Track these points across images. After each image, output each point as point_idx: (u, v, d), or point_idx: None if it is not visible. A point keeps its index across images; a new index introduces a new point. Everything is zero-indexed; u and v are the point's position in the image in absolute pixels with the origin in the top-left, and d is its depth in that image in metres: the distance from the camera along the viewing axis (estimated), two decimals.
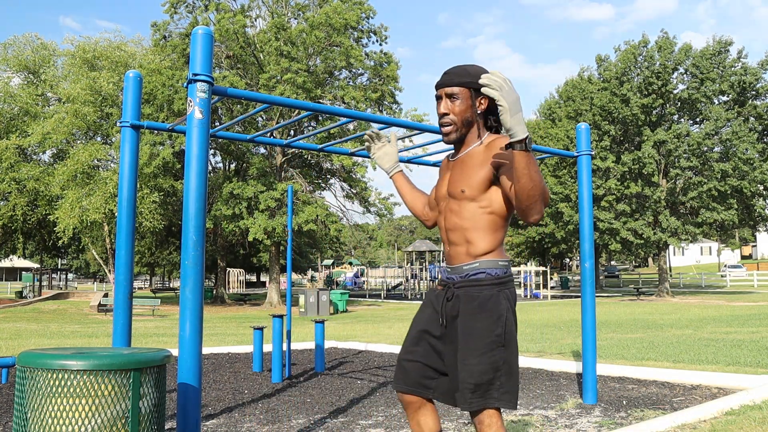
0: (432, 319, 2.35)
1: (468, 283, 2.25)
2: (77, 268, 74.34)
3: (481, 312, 2.20)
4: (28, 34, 31.60)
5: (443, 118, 2.32)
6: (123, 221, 3.91)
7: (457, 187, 2.28)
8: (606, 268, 59.02)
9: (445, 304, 2.30)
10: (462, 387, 2.16)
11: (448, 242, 2.33)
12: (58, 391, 1.96)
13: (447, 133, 2.33)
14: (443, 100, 2.33)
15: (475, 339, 2.18)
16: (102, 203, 23.31)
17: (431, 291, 2.44)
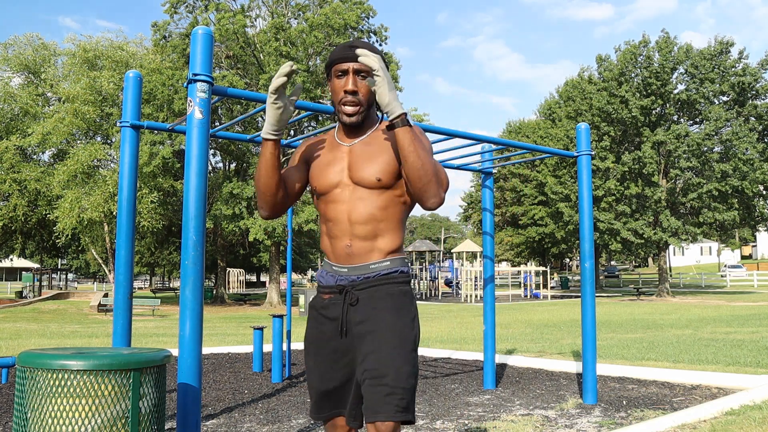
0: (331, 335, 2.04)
1: (377, 282, 1.99)
2: (77, 268, 74.35)
3: (399, 311, 1.98)
4: (29, 34, 31.64)
5: (351, 96, 2.02)
6: (123, 221, 3.91)
7: (371, 173, 2.00)
8: (606, 268, 59.03)
9: (348, 310, 2.00)
10: (389, 392, 1.85)
11: (350, 236, 2.01)
12: (58, 391, 1.96)
13: (352, 114, 2.03)
14: (350, 76, 2.02)
15: (399, 339, 1.92)
16: (102, 203, 23.32)
17: (316, 303, 2.11)
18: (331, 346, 2.04)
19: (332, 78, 2.07)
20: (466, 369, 7.05)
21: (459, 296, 35.46)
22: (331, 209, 2.06)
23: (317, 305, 2.11)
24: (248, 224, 26.71)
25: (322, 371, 2.06)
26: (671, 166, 29.45)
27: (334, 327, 2.03)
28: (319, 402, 2.09)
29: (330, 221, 2.05)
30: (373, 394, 1.87)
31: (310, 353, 2.10)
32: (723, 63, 28.94)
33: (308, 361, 2.12)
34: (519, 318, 17.20)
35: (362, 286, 2.00)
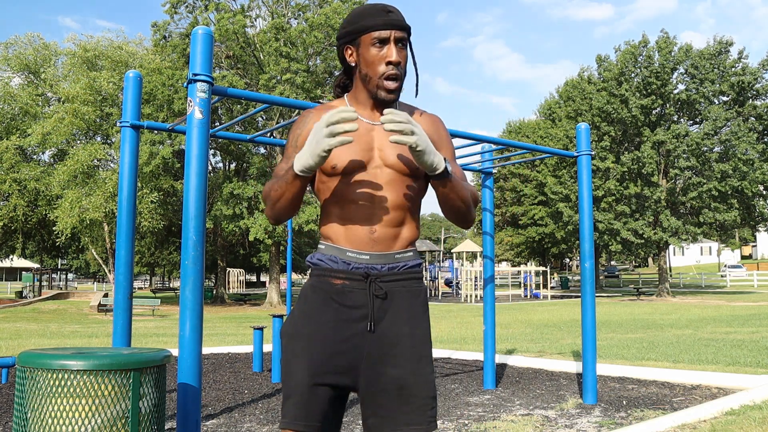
0: (344, 324, 1.79)
1: (404, 276, 1.84)
2: (77, 268, 74.33)
3: (426, 314, 1.86)
4: (30, 34, 31.64)
5: (395, 68, 1.79)
6: (123, 221, 3.91)
7: (408, 160, 1.82)
8: (606, 268, 59.03)
9: (374, 302, 1.78)
10: (420, 404, 1.74)
11: (375, 221, 1.81)
12: (58, 391, 1.96)
13: (394, 89, 1.80)
14: (392, 45, 1.79)
15: (426, 345, 1.82)
16: (102, 203, 23.33)
17: (322, 286, 1.82)
18: (344, 336, 1.77)
19: (364, 46, 1.80)
20: (466, 369, 7.05)
21: (459, 296, 35.46)
22: (354, 190, 1.82)
23: (325, 288, 1.81)
24: (248, 224, 26.72)
25: (322, 362, 1.76)
26: (671, 165, 29.46)
27: (357, 317, 1.78)
28: (305, 403, 1.73)
29: (351, 203, 1.81)
30: (405, 404, 1.73)
31: (303, 338, 1.78)
32: (723, 63, 28.95)
33: (296, 347, 1.78)
34: (519, 318, 17.20)
35: (388, 278, 1.81)
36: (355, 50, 1.83)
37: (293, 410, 1.73)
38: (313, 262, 1.87)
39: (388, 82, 1.79)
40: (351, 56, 1.85)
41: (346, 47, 1.86)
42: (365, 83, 1.83)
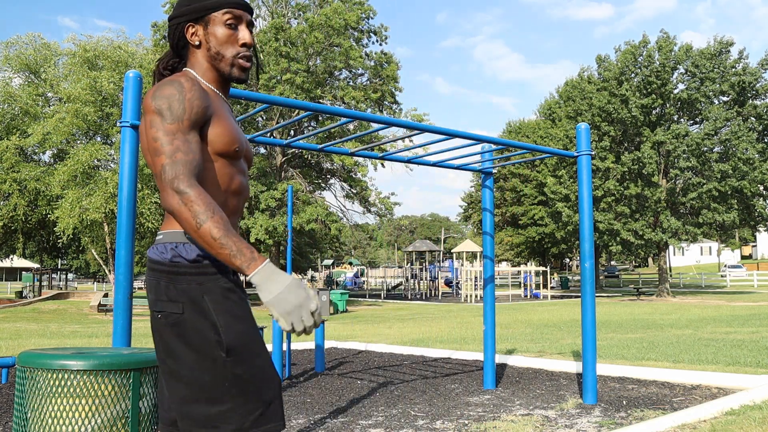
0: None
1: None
2: (77, 268, 74.37)
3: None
4: (30, 34, 31.64)
5: (248, 50, 1.78)
6: (123, 221, 3.92)
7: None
8: (606, 268, 59.04)
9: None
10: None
11: (240, 215, 1.79)
12: (58, 391, 1.96)
13: (248, 69, 1.79)
14: (245, 27, 1.78)
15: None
16: (102, 203, 23.34)
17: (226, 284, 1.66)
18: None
19: (214, 24, 1.74)
20: (466, 369, 7.05)
21: (459, 296, 35.46)
22: (241, 181, 1.74)
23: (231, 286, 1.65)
24: (249, 224, 26.72)
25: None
26: (671, 166, 29.46)
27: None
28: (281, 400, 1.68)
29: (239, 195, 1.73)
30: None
31: (258, 336, 1.68)
32: (723, 63, 28.96)
33: (261, 347, 1.67)
34: (519, 318, 17.20)
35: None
36: (202, 28, 1.75)
37: (280, 409, 1.67)
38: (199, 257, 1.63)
39: (243, 61, 1.76)
40: (194, 35, 1.76)
41: (189, 25, 1.75)
42: (215, 62, 1.75)
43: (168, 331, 1.61)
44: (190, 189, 1.50)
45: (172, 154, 1.54)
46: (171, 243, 1.62)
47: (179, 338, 1.59)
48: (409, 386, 5.94)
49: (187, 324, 1.58)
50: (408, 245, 61.38)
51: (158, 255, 1.63)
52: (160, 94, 1.61)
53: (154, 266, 1.64)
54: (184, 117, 1.59)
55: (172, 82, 1.64)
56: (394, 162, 5.56)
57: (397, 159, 5.36)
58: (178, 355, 1.60)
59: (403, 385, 5.99)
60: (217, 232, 1.48)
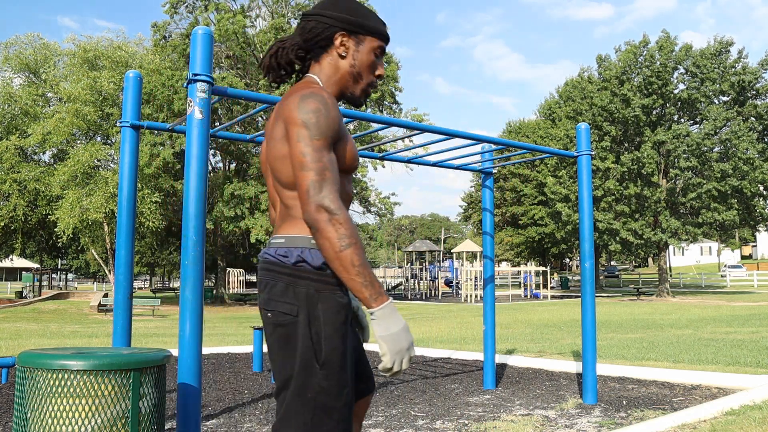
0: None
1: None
2: (77, 268, 74.36)
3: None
4: (30, 34, 31.66)
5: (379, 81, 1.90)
6: (123, 221, 3.92)
7: None
8: (606, 268, 59.04)
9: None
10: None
11: None
12: (58, 391, 1.96)
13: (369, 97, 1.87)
14: (383, 60, 1.92)
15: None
16: (102, 203, 23.35)
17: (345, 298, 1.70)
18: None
19: (365, 48, 1.79)
20: (466, 369, 7.05)
21: (459, 296, 35.46)
22: (350, 192, 1.80)
23: (346, 302, 1.69)
24: (249, 224, 26.72)
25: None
26: (671, 166, 29.46)
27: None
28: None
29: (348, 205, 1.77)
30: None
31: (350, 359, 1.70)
32: (723, 62, 28.96)
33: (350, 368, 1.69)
34: (519, 318, 17.20)
35: None
36: (353, 43, 1.78)
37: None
38: (323, 265, 1.66)
39: (371, 89, 1.82)
40: (343, 46, 1.77)
41: (342, 33, 1.77)
42: (350, 79, 1.79)
43: (271, 331, 1.68)
44: (340, 211, 1.55)
45: (321, 171, 1.57)
46: (297, 248, 1.65)
47: (282, 339, 1.65)
48: (409, 386, 5.94)
49: (296, 327, 1.63)
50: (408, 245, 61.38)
51: (280, 257, 1.66)
52: (306, 108, 1.62)
53: (272, 267, 1.67)
54: (329, 134, 1.62)
55: (315, 95, 1.64)
56: (394, 162, 5.56)
57: (397, 159, 5.36)
58: (275, 355, 1.68)
59: (403, 385, 5.99)
60: (358, 259, 1.53)
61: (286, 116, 1.64)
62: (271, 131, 1.70)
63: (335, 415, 1.63)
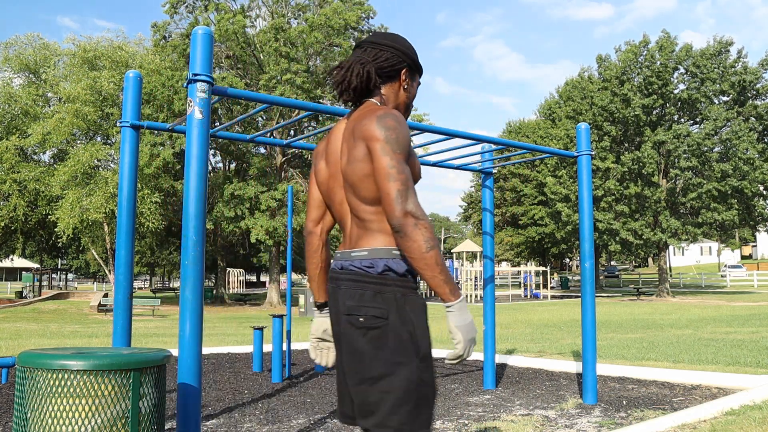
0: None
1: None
2: (77, 268, 74.34)
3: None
4: (30, 34, 31.65)
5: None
6: (123, 221, 3.92)
7: None
8: (606, 268, 59.03)
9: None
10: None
11: None
12: (58, 391, 1.96)
13: None
14: None
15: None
16: (102, 203, 23.34)
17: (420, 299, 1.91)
18: None
19: (415, 81, 2.08)
20: (466, 369, 7.05)
21: None
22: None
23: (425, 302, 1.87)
24: (249, 224, 26.72)
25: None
26: (671, 166, 29.45)
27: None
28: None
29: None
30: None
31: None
32: (723, 62, 28.95)
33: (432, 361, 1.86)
34: (519, 318, 17.20)
35: None
36: (410, 79, 2.04)
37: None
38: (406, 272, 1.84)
39: (408, 115, 2.10)
40: (406, 79, 2.02)
41: (406, 68, 2.01)
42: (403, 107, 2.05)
43: (362, 335, 1.79)
44: (424, 217, 1.74)
45: (405, 181, 1.75)
46: (381, 259, 1.82)
47: (375, 341, 1.78)
48: None
49: (389, 329, 1.77)
50: None
51: (365, 268, 1.83)
52: (386, 125, 1.80)
53: (358, 278, 1.83)
54: (406, 149, 1.81)
55: (392, 114, 1.83)
56: None
57: None
58: (369, 358, 1.78)
59: None
60: (440, 259, 1.73)
61: (367, 135, 1.80)
62: (348, 152, 1.85)
63: (431, 402, 1.82)
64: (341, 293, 1.85)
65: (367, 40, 1.99)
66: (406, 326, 1.78)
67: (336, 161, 1.93)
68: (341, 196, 1.93)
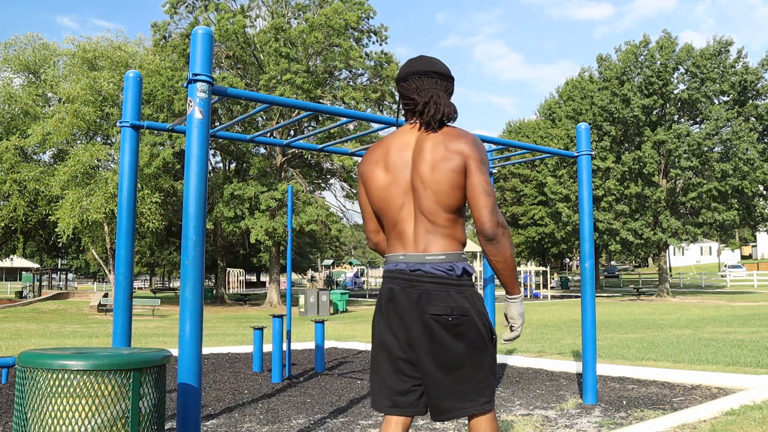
0: None
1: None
2: (77, 268, 74.31)
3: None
4: (29, 34, 31.64)
5: None
6: (123, 221, 3.92)
7: None
8: (606, 268, 59.01)
9: None
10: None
11: None
12: (58, 391, 1.96)
13: None
14: None
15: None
16: (102, 203, 23.33)
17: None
18: None
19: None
20: None
21: None
22: None
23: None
24: (249, 224, 26.71)
25: None
26: (671, 165, 29.44)
27: None
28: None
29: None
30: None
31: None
32: (723, 62, 28.94)
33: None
34: None
35: None
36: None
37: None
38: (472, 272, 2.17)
39: None
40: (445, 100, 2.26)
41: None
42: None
43: (446, 330, 2.05)
44: (507, 227, 2.09)
45: (494, 196, 2.09)
46: (457, 262, 2.10)
47: (460, 335, 2.06)
48: None
49: (471, 322, 2.08)
50: None
51: (447, 271, 2.08)
52: (480, 148, 2.12)
53: (441, 280, 2.07)
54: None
55: (479, 139, 2.15)
56: None
57: None
58: (453, 349, 2.06)
59: None
60: (515, 262, 2.11)
61: (466, 153, 2.07)
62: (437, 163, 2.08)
63: (495, 374, 2.19)
64: (421, 294, 2.06)
65: (434, 70, 2.20)
66: (481, 319, 2.11)
67: (401, 169, 2.13)
68: (402, 202, 2.13)
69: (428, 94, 2.16)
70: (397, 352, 2.12)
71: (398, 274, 2.11)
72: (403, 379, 2.14)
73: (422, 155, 2.10)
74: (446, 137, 2.10)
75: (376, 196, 2.17)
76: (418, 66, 2.20)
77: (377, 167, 2.17)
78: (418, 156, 2.10)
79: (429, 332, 2.05)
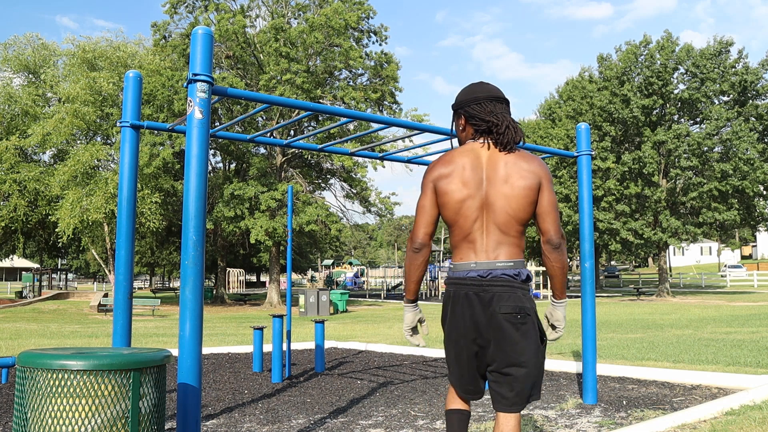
0: None
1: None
2: (77, 268, 74.29)
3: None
4: (29, 34, 31.60)
5: None
6: (123, 221, 3.92)
7: None
8: (606, 268, 59.01)
9: None
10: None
11: None
12: (58, 391, 1.96)
13: None
14: None
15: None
16: (102, 203, 23.32)
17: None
18: None
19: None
20: None
21: None
22: None
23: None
24: (249, 224, 26.71)
25: None
26: (671, 165, 29.44)
27: None
28: None
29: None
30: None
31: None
32: (723, 63, 28.93)
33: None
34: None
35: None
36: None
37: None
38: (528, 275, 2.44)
39: None
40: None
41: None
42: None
43: (514, 327, 2.31)
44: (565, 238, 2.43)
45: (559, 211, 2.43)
46: (523, 269, 2.38)
47: (523, 332, 2.32)
48: (409, 386, 5.94)
49: (531, 320, 2.35)
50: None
51: (515, 276, 2.35)
52: (547, 168, 2.40)
53: (512, 283, 2.34)
54: None
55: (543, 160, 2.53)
56: (394, 162, 5.56)
57: (397, 159, 5.36)
58: (520, 345, 2.31)
59: (403, 385, 5.99)
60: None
61: (542, 174, 2.36)
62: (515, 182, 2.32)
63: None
64: (493, 296, 2.30)
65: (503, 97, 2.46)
66: (537, 318, 2.39)
67: (477, 186, 2.34)
68: (477, 216, 2.34)
69: (505, 119, 2.39)
70: (471, 348, 2.36)
71: (470, 281, 2.34)
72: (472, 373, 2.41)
73: (498, 173, 2.33)
74: (519, 158, 2.35)
75: (453, 208, 2.35)
76: (493, 91, 2.43)
77: (453, 181, 2.35)
78: (494, 174, 2.33)
79: (500, 330, 2.29)
